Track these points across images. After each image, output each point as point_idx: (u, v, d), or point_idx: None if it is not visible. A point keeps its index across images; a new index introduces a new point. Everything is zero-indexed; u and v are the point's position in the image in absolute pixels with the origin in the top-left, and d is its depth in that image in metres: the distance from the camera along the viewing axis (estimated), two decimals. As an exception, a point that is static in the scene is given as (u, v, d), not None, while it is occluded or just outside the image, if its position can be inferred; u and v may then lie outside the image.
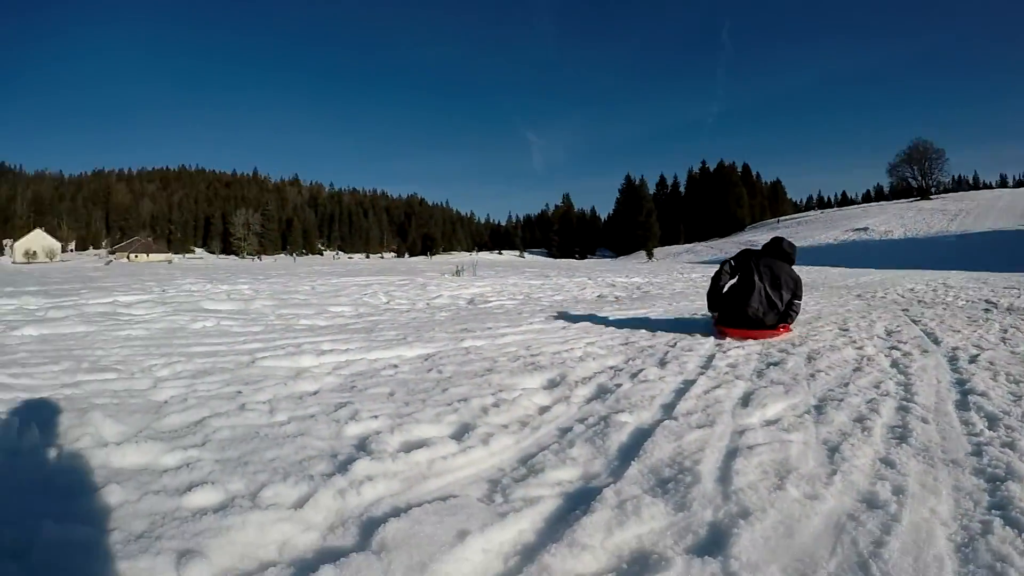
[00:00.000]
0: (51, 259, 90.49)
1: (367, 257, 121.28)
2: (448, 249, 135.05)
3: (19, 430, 2.38)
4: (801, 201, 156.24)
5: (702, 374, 3.58)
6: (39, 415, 2.64)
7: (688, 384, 3.31)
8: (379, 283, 12.38)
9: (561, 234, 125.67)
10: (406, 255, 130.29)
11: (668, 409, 2.82)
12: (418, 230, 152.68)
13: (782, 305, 5.04)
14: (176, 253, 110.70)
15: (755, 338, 4.85)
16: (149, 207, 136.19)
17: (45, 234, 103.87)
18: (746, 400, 2.96)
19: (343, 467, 2.03)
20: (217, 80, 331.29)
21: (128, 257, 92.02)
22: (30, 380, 3.50)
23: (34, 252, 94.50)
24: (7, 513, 1.69)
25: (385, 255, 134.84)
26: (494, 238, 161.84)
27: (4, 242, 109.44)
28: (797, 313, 5.19)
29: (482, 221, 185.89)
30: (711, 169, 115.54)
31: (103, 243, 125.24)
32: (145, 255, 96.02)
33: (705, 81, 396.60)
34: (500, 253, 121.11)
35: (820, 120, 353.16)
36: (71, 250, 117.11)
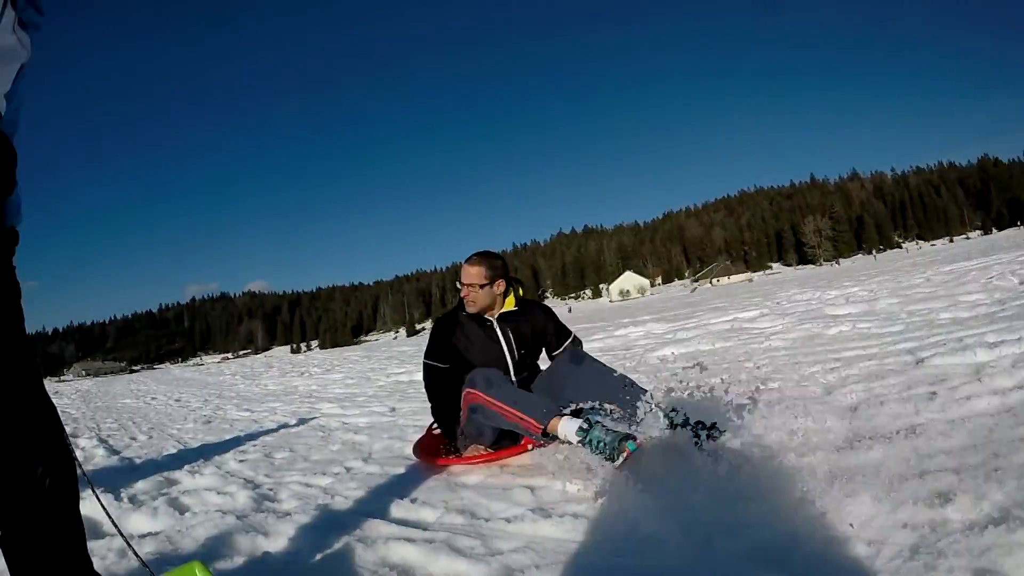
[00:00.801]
0: (643, 294, 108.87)
1: (950, 241, 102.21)
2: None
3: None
4: None
5: None
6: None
7: None
8: (996, 263, 9.98)
9: None
10: (992, 230, 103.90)
11: None
12: (1000, 197, 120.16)
13: None
14: (754, 271, 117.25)
15: None
16: (720, 234, 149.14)
17: (634, 274, 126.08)
18: None
19: None
20: (776, 94, 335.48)
21: (711, 282, 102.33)
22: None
23: (627, 291, 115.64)
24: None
25: (970, 235, 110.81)
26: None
27: (601, 286, 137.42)
28: None
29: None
30: None
31: (686, 273, 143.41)
32: (726, 278, 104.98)
33: None
34: None
35: None
36: (658, 283, 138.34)
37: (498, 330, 2.89)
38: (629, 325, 10.42)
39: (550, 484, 2.24)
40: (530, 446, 2.56)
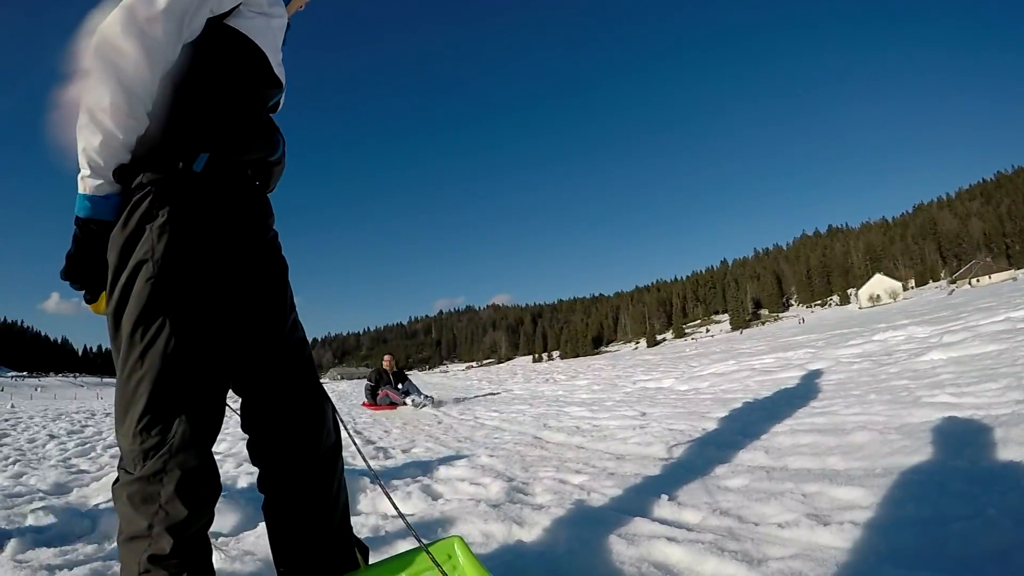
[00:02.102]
0: (894, 299, 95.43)
1: None
2: None
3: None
4: None
5: None
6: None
7: None
8: None
9: None
10: None
11: None
12: None
13: None
14: (1018, 268, 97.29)
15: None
16: (978, 226, 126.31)
17: (884, 277, 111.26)
18: None
19: None
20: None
21: (970, 283, 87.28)
22: (975, 399, 3.29)
23: (877, 296, 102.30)
24: None
25: None
26: None
27: (849, 291, 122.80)
28: None
29: None
30: None
31: (941, 274, 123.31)
32: (987, 277, 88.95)
33: None
34: None
35: None
36: (911, 287, 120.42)
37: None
38: (887, 330, 9.23)
39: (823, 490, 2.05)
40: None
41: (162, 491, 1.13)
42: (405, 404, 9.07)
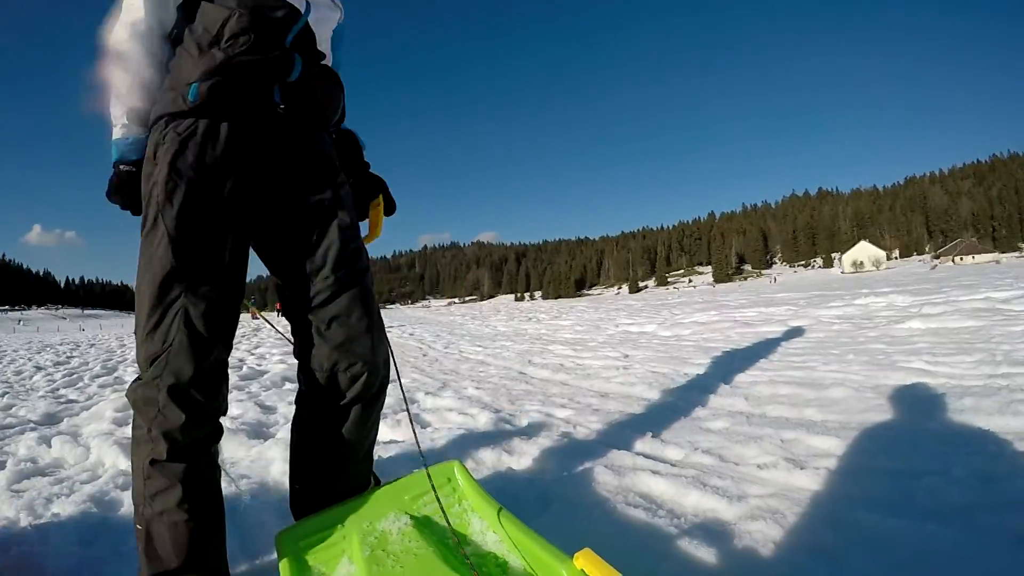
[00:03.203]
0: (877, 267, 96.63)
1: None
2: None
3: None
4: None
5: None
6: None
7: None
8: None
9: None
10: None
11: None
12: None
13: None
14: (1002, 252, 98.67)
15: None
16: (968, 206, 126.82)
17: (869, 244, 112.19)
18: None
19: None
20: None
21: (953, 260, 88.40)
22: (949, 368, 3.42)
23: (860, 262, 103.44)
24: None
25: None
26: None
27: (833, 255, 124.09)
28: None
29: None
30: None
31: (926, 248, 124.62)
32: (971, 257, 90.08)
33: None
34: None
35: None
36: (895, 258, 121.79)
37: None
38: (869, 295, 9.43)
39: (800, 437, 2.16)
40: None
41: (159, 396, 1.20)
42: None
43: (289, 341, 1.51)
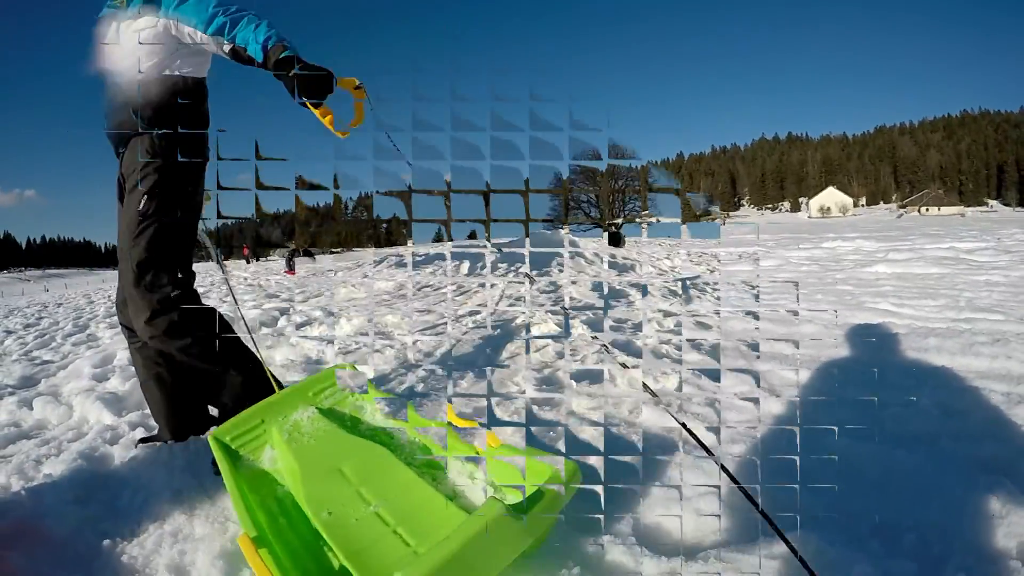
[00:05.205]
0: (844, 214, 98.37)
1: None
2: None
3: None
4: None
5: None
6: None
7: None
8: None
9: None
10: None
11: None
12: None
13: None
14: (968, 206, 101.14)
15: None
16: (936, 158, 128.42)
17: (837, 191, 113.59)
18: None
19: None
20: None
21: (919, 210, 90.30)
22: (914, 311, 3.54)
23: (827, 208, 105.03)
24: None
25: None
26: None
27: (801, 200, 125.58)
28: None
29: None
30: None
31: (893, 197, 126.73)
32: (936, 208, 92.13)
33: None
34: None
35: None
36: (862, 205, 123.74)
37: None
38: (836, 240, 9.67)
39: (774, 369, 2.23)
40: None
41: None
42: None
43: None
